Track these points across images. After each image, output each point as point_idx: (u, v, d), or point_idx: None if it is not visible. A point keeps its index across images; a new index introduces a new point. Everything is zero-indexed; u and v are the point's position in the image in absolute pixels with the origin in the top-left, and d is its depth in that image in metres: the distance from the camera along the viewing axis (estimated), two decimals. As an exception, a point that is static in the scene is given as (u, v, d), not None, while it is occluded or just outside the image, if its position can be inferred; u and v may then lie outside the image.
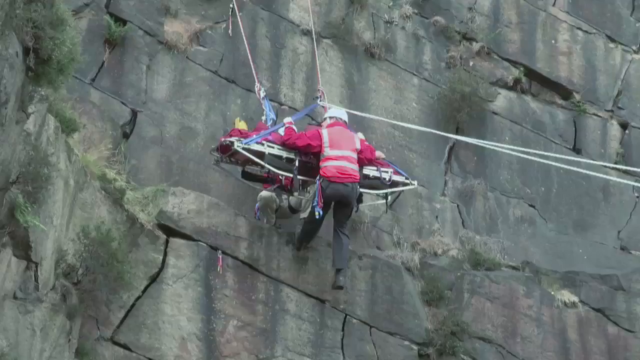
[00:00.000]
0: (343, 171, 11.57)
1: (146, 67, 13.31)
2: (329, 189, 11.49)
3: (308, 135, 11.83)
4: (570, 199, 14.20)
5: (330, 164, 11.62)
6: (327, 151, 11.69)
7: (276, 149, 11.84)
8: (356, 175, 11.69)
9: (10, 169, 7.80)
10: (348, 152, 11.75)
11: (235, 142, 11.62)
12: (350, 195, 11.63)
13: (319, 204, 11.44)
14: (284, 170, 11.83)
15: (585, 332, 12.83)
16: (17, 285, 8.69)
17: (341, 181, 11.52)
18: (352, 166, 11.68)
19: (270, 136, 11.94)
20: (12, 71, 6.71)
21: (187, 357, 11.79)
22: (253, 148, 11.68)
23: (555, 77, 14.86)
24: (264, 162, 11.70)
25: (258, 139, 11.75)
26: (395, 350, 12.36)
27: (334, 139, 11.77)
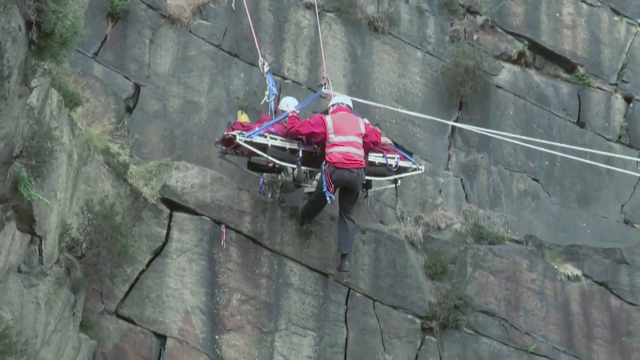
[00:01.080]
0: (349, 157, 11.54)
1: (149, 41, 13.29)
2: (334, 174, 11.48)
3: (311, 123, 11.78)
4: (574, 173, 14.19)
5: (335, 150, 11.59)
6: (332, 137, 11.64)
7: (279, 140, 11.82)
8: (362, 161, 11.67)
9: (14, 143, 7.81)
10: (353, 137, 11.71)
11: (237, 136, 11.60)
12: (355, 182, 11.62)
13: (330, 189, 11.43)
14: (287, 162, 11.83)
15: (588, 306, 12.87)
16: (22, 259, 8.72)
17: (347, 167, 11.50)
18: (357, 152, 11.65)
19: (272, 127, 11.91)
20: (14, 45, 6.70)
21: (191, 330, 11.85)
22: (255, 140, 11.66)
23: (559, 51, 14.80)
24: (266, 154, 11.69)
25: (260, 131, 11.72)
26: (399, 323, 12.41)
27: (338, 124, 11.73)
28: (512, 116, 14.30)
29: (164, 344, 11.80)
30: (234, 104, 13.24)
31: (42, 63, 7.75)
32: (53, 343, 9.52)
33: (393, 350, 12.32)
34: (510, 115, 14.30)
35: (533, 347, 12.60)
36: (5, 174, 7.92)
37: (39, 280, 8.96)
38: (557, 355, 12.66)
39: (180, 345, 11.80)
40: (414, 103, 13.99)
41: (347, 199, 11.85)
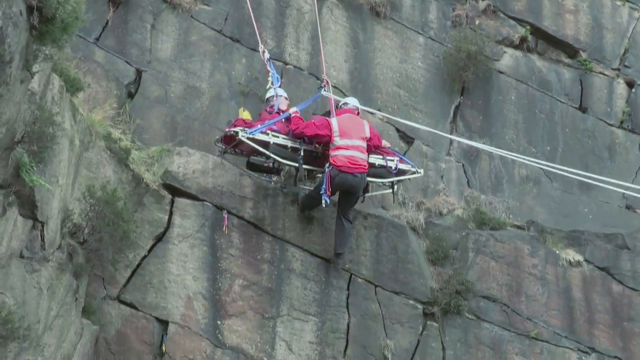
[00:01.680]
0: (354, 161, 11.55)
1: (150, 26, 13.27)
2: (337, 177, 11.49)
3: (316, 124, 11.75)
4: (576, 158, 14.18)
5: (340, 153, 11.58)
6: (337, 140, 11.64)
7: (281, 138, 11.78)
8: (365, 165, 11.69)
9: (16, 128, 7.81)
10: (358, 141, 11.71)
11: (239, 132, 11.54)
12: (358, 186, 11.65)
13: (327, 192, 11.44)
14: (289, 160, 11.81)
15: (590, 291, 12.89)
16: (24, 245, 8.72)
17: (351, 171, 11.51)
18: (362, 156, 11.67)
19: (274, 126, 11.89)
20: (16, 30, 6.69)
21: (193, 315, 11.88)
22: (258, 138, 11.63)
23: (561, 36, 14.78)
24: (268, 152, 11.67)
25: (263, 128, 11.68)
26: (400, 309, 12.43)
27: (344, 127, 11.71)
28: (514, 101, 14.29)
29: (166, 329, 11.82)
30: (236, 89, 13.23)
31: (43, 48, 7.74)
32: (55, 328, 9.54)
33: (395, 335, 12.34)
34: (512, 100, 14.29)
35: (534, 333, 12.62)
36: (7, 160, 7.92)
37: (41, 266, 8.97)
38: (558, 340, 12.68)
39: (182, 330, 11.82)
40: (415, 88, 13.98)
41: (348, 202, 11.88)
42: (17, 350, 8.17)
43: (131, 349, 11.65)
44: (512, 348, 12.56)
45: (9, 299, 8.18)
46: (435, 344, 12.45)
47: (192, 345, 11.80)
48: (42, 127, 8.23)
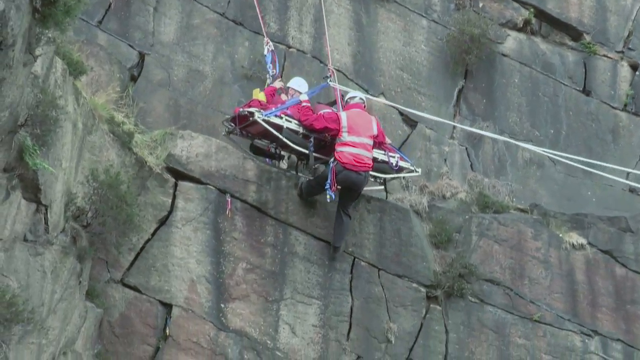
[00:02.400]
0: (359, 160, 11.57)
1: (153, 9, 13.24)
2: (341, 174, 11.50)
3: (326, 118, 11.73)
4: (580, 141, 14.16)
5: (347, 150, 11.59)
6: (345, 136, 11.64)
7: (294, 123, 11.78)
8: (370, 163, 11.70)
9: (19, 111, 7.80)
10: (365, 139, 11.71)
11: (256, 113, 11.52)
12: (361, 183, 11.70)
13: (332, 188, 11.45)
14: (300, 146, 11.80)
15: (593, 274, 12.89)
16: (27, 228, 8.74)
17: (356, 169, 11.54)
18: (367, 154, 11.69)
19: (288, 110, 11.88)
20: (18, 13, 6.67)
21: (197, 299, 11.90)
22: (272, 120, 11.62)
23: (565, 18, 14.72)
24: (282, 136, 11.64)
25: (277, 112, 11.68)
26: (404, 292, 12.45)
27: (352, 124, 11.70)
28: (517, 84, 14.26)
29: (170, 312, 11.85)
30: (239, 72, 13.21)
31: (46, 31, 7.72)
32: (59, 311, 9.56)
33: (398, 318, 12.36)
34: (515, 83, 14.26)
35: (537, 316, 12.64)
36: (10, 143, 7.91)
37: (45, 249, 8.99)
38: (561, 323, 12.69)
39: (186, 313, 11.85)
40: (419, 71, 13.95)
41: (349, 197, 11.89)
42: (21, 333, 8.19)
43: (135, 332, 11.69)
44: (515, 331, 12.58)
45: (12, 282, 8.20)
46: (439, 327, 12.47)
47: (195, 328, 11.83)
48: (45, 111, 8.22)
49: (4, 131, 7.61)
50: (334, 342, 12.18)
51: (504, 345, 12.51)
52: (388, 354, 12.26)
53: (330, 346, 12.17)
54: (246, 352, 11.91)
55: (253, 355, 11.93)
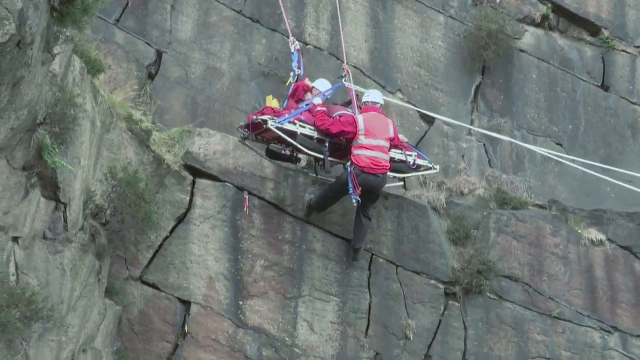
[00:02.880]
0: (377, 162, 11.55)
1: (170, 6, 13.26)
2: (359, 178, 11.46)
3: (342, 121, 11.71)
4: (598, 136, 14.10)
5: (363, 153, 11.57)
6: (362, 139, 11.62)
7: (307, 128, 11.75)
8: (387, 166, 11.68)
9: (37, 110, 7.83)
10: (382, 141, 11.69)
11: (269, 121, 11.50)
12: (379, 185, 11.69)
13: (356, 192, 11.42)
14: (315, 151, 11.78)
15: (612, 270, 12.83)
16: (47, 226, 8.77)
17: (374, 172, 11.52)
18: (384, 157, 11.67)
19: (301, 115, 11.85)
20: (36, 11, 6.69)
21: (215, 296, 11.93)
22: (286, 127, 11.60)
23: (583, 13, 14.64)
24: (295, 142, 11.62)
25: (290, 118, 11.65)
26: (422, 289, 12.44)
27: (369, 126, 11.68)
28: (535, 80, 14.20)
29: (188, 309, 11.88)
30: (256, 70, 13.22)
31: (64, 30, 7.74)
32: (79, 309, 9.59)
33: (416, 315, 12.35)
34: (533, 79, 14.20)
35: (556, 312, 12.60)
36: (29, 142, 7.95)
37: (64, 247, 9.02)
38: (580, 319, 12.65)
39: (205, 310, 11.88)
40: (436, 68, 13.92)
41: (368, 199, 11.83)
42: (41, 330, 8.23)
43: (154, 329, 11.73)
44: (534, 327, 12.55)
45: (32, 280, 8.23)
46: (457, 323, 12.45)
47: (214, 325, 11.86)
48: (63, 109, 8.25)
49: (23, 130, 7.64)
50: (352, 339, 12.18)
51: (522, 341, 12.48)
52: (406, 351, 12.25)
53: (349, 343, 12.17)
54: (264, 348, 11.93)
55: (271, 352, 11.94)
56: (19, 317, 7.29)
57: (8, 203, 7.79)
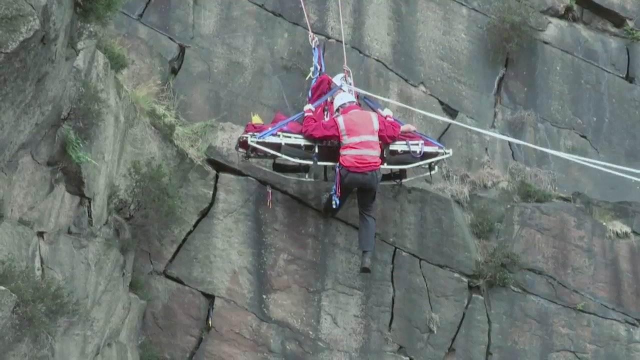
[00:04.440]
0: (362, 160, 11.39)
1: (193, 1, 13.27)
2: (347, 178, 11.38)
3: (324, 125, 11.61)
4: (623, 129, 14.00)
5: (348, 153, 11.44)
6: (346, 139, 11.49)
7: (293, 138, 11.66)
8: (376, 162, 11.47)
9: (62, 105, 7.87)
10: (367, 136, 11.53)
11: (249, 138, 11.45)
12: (370, 183, 11.50)
13: (337, 193, 11.38)
14: (304, 159, 11.68)
15: (638, 262, 12.74)
16: (71, 221, 8.82)
17: (360, 171, 11.37)
18: (371, 153, 11.48)
19: (286, 126, 11.77)
20: (60, 7, 6.72)
21: (239, 290, 11.97)
22: (268, 141, 11.51)
23: (607, 4, 14.52)
24: (280, 153, 11.54)
25: (273, 131, 11.58)
26: (445, 282, 12.42)
27: (350, 125, 11.53)
28: (559, 72, 14.11)
29: (212, 303, 11.93)
30: (278, 64, 13.21)
31: (87, 25, 7.78)
32: (104, 303, 9.65)
33: (440, 308, 12.34)
34: (557, 71, 14.11)
35: (581, 305, 12.55)
36: (54, 137, 8.00)
37: (89, 242, 9.07)
38: (606, 312, 12.58)
39: (228, 304, 11.93)
40: (459, 60, 13.86)
41: (365, 198, 11.75)
42: (66, 325, 8.28)
43: (178, 323, 11.79)
44: (558, 321, 12.50)
45: (57, 275, 8.29)
46: (481, 316, 12.43)
47: (238, 319, 11.91)
48: (87, 104, 8.30)
49: (47, 125, 7.69)
50: (376, 333, 12.19)
51: (547, 334, 12.44)
52: (430, 344, 12.24)
53: (372, 336, 12.18)
54: (288, 342, 11.96)
55: (295, 345, 11.97)
56: (45, 311, 7.35)
57: (33, 198, 7.85)
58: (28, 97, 6.72)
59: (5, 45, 5.98)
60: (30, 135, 7.30)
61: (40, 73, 6.72)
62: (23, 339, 7.28)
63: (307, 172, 12.02)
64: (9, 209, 7.39)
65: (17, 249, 7.53)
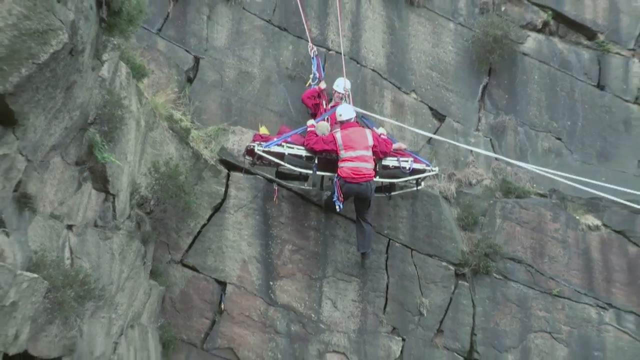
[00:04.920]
0: (357, 172, 11.41)
1: (207, 17, 13.26)
2: (344, 187, 11.39)
3: (324, 140, 11.59)
4: (594, 132, 13.99)
5: (346, 165, 11.45)
6: (343, 153, 11.51)
7: (295, 149, 11.66)
8: (370, 174, 11.49)
9: (88, 111, 7.87)
10: (362, 151, 11.54)
11: (256, 147, 11.46)
12: (365, 192, 11.51)
13: (339, 199, 11.38)
14: (304, 168, 11.66)
15: (608, 252, 12.74)
16: (97, 215, 8.81)
17: (355, 182, 11.40)
18: (366, 165, 11.50)
19: (290, 138, 11.76)
20: (87, 22, 6.72)
21: (248, 277, 11.97)
22: (273, 150, 11.52)
23: (580, 20, 14.51)
24: (283, 162, 11.54)
25: (278, 141, 11.58)
26: (434, 270, 12.42)
27: (346, 141, 11.56)
28: (537, 81, 14.10)
29: (224, 289, 11.94)
30: (284, 73, 13.22)
31: (111, 39, 7.77)
32: (127, 289, 9.65)
33: (429, 294, 12.34)
34: (535, 80, 14.10)
35: (557, 290, 12.54)
36: (82, 139, 7.99)
37: (113, 234, 9.07)
38: (579, 297, 12.58)
39: (239, 290, 11.92)
40: (447, 70, 13.85)
41: (361, 205, 11.76)
42: (93, 308, 8.28)
43: (194, 307, 11.79)
44: (536, 305, 12.49)
45: (85, 263, 8.28)
46: (466, 301, 12.43)
47: (247, 303, 11.91)
48: (111, 110, 8.28)
49: (75, 129, 7.68)
50: (372, 315, 12.19)
51: (526, 317, 12.44)
52: (420, 326, 12.24)
53: (369, 319, 12.18)
54: (293, 324, 11.96)
55: (299, 327, 11.97)
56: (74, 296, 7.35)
57: (63, 195, 7.84)
58: (58, 103, 6.71)
59: (37, 57, 5.98)
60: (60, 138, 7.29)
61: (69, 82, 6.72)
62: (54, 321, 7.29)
63: (306, 180, 12.02)
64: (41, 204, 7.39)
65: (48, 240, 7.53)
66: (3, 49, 5.70)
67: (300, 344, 11.97)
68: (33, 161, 6.84)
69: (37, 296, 6.46)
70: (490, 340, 12.32)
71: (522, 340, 12.36)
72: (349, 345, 12.06)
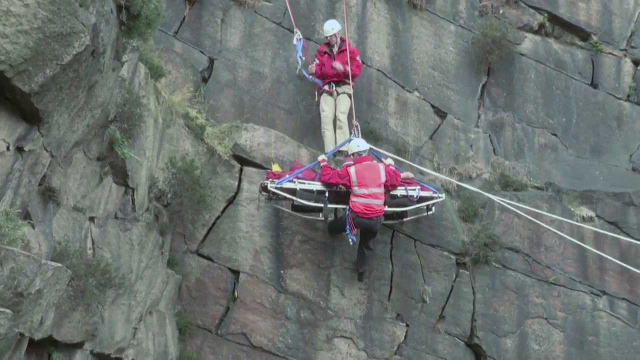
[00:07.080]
0: (369, 208, 11.29)
1: (221, 20, 13.26)
2: (355, 221, 11.29)
3: (339, 174, 11.42)
4: (588, 128, 13.93)
5: (359, 201, 11.31)
6: (356, 189, 11.33)
7: (307, 184, 11.52)
8: (381, 210, 11.36)
9: (109, 109, 7.88)
10: (374, 189, 11.36)
11: (269, 184, 11.37)
12: (374, 227, 11.45)
13: (352, 232, 11.32)
14: (315, 202, 11.50)
15: (601, 242, 12.70)
16: (118, 207, 8.84)
17: (367, 217, 11.30)
18: (377, 202, 11.36)
19: (301, 174, 11.63)
20: (108, 25, 6.72)
21: (260, 266, 11.98)
22: (286, 186, 11.41)
23: (575, 21, 14.44)
24: (295, 197, 11.41)
25: (290, 178, 11.47)
26: (437, 259, 12.40)
27: (361, 178, 11.35)
28: (533, 80, 14.05)
29: (238, 278, 11.96)
30: (293, 73, 13.19)
31: (130, 41, 7.78)
32: (145, 277, 9.68)
33: (432, 282, 12.33)
34: (532, 79, 14.05)
35: (553, 278, 12.51)
36: (103, 136, 8.01)
37: (133, 225, 9.09)
38: (573, 285, 12.55)
39: (251, 279, 11.94)
40: (448, 70, 13.81)
41: (367, 236, 11.67)
42: (114, 296, 8.31)
43: (208, 294, 11.81)
44: (533, 292, 12.47)
45: (106, 253, 8.31)
46: (467, 289, 12.41)
47: (259, 291, 11.92)
48: (131, 108, 8.30)
49: (97, 126, 7.70)
50: (377, 302, 12.19)
51: (523, 304, 12.42)
52: (423, 312, 12.24)
53: (374, 306, 12.18)
54: (302, 311, 11.98)
55: (308, 313, 11.98)
56: (95, 284, 7.38)
57: (85, 188, 7.86)
58: (80, 102, 6.73)
59: (61, 58, 5.99)
60: (82, 135, 7.31)
61: (90, 82, 6.73)
62: (77, 308, 7.31)
63: (322, 212, 11.86)
64: (64, 197, 7.41)
65: (71, 231, 7.55)
66: (29, 51, 5.72)
67: (310, 329, 11.97)
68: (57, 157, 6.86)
69: (61, 284, 6.48)
70: (490, 326, 12.30)
71: (520, 326, 12.34)
72: (356, 330, 12.06)
